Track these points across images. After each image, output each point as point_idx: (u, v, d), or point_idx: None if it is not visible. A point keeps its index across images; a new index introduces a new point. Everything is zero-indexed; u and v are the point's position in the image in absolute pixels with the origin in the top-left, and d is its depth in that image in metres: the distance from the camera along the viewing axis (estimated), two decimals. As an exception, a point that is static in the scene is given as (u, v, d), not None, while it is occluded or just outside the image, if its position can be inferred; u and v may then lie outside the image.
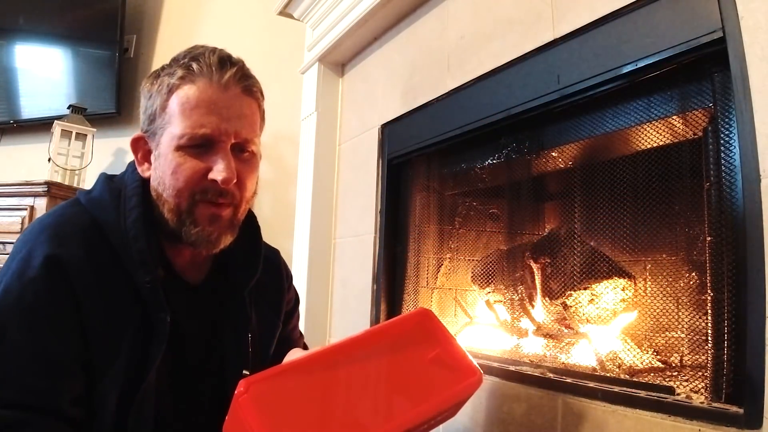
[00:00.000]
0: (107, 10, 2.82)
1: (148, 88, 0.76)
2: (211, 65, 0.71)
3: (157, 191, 0.75)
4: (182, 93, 0.71)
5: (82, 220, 0.71)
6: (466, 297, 1.44)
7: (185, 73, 0.71)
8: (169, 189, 0.72)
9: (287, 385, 0.43)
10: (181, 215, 0.73)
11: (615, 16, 0.90)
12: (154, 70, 0.78)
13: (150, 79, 0.76)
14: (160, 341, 0.70)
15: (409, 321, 0.51)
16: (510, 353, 1.13)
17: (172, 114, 0.72)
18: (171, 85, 0.72)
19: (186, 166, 0.71)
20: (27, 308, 0.63)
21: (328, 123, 1.87)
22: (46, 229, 0.68)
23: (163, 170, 0.73)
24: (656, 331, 0.97)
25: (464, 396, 0.49)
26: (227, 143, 0.72)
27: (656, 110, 0.89)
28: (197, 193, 0.72)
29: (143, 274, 0.69)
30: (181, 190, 0.72)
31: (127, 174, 0.78)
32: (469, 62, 1.25)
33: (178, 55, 0.76)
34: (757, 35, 0.69)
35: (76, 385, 0.64)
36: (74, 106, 2.69)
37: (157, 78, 0.75)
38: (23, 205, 2.35)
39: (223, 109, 0.71)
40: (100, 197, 0.74)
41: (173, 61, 0.75)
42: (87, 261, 0.67)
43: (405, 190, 1.55)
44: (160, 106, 0.73)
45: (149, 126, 0.75)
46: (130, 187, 0.74)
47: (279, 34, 2.31)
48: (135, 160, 0.78)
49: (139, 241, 0.70)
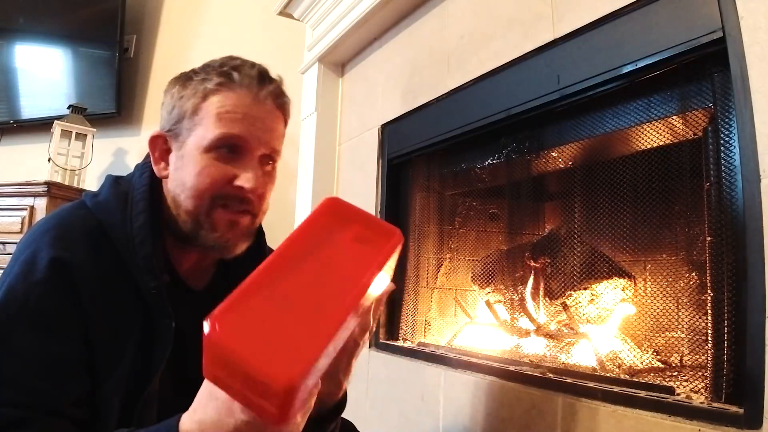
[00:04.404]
0: (107, 10, 2.82)
1: (178, 90, 0.75)
2: (252, 77, 0.72)
3: (174, 192, 0.74)
4: (219, 97, 0.71)
5: (87, 224, 0.70)
6: (466, 297, 1.44)
7: (225, 81, 0.72)
8: (190, 190, 0.72)
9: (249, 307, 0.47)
10: (198, 218, 0.72)
11: (615, 16, 0.90)
12: (182, 72, 0.77)
13: (179, 81, 0.75)
14: (165, 346, 0.70)
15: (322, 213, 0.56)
16: (510, 353, 1.13)
17: (205, 116, 0.72)
18: (207, 89, 0.72)
19: (213, 168, 0.71)
20: (31, 310, 0.63)
21: (328, 123, 1.87)
22: (51, 231, 0.68)
23: (187, 171, 0.72)
24: (656, 331, 0.97)
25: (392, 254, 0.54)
26: (257, 152, 0.72)
27: (656, 110, 0.89)
28: (218, 198, 0.72)
29: (149, 279, 0.69)
30: (203, 192, 0.71)
31: (134, 177, 0.77)
32: (469, 62, 1.25)
33: (212, 62, 0.75)
34: (757, 35, 0.70)
35: (79, 388, 0.64)
36: (74, 106, 2.69)
37: (189, 80, 0.74)
38: (23, 205, 2.35)
39: (257, 120, 0.72)
40: (107, 201, 0.73)
41: (208, 67, 0.75)
42: (92, 264, 0.67)
43: (405, 190, 1.55)
44: (193, 108, 0.72)
45: (173, 126, 0.74)
46: (138, 191, 0.74)
47: (279, 34, 2.31)
48: (151, 158, 0.76)
49: (145, 246, 0.70)
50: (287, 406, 0.44)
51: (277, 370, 0.42)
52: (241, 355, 0.43)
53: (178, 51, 2.81)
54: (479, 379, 1.08)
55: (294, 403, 0.44)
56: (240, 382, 0.45)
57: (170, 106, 0.75)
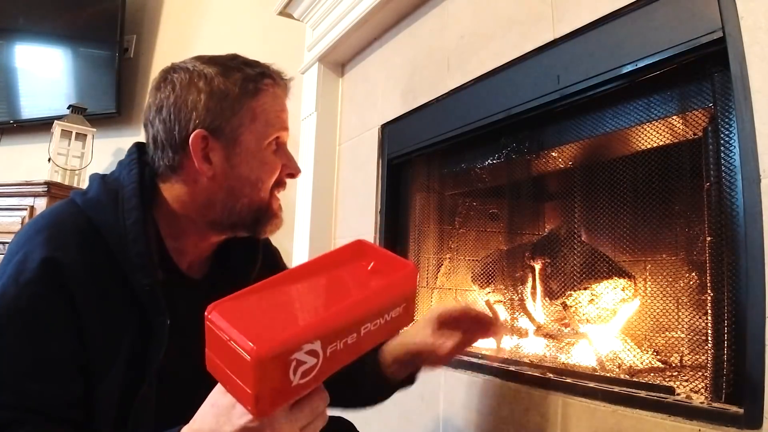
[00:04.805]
0: (107, 10, 2.82)
1: (217, 84, 0.73)
2: (280, 75, 0.80)
3: (228, 188, 0.75)
4: (269, 94, 0.77)
5: (78, 222, 0.69)
6: (466, 297, 1.44)
7: (269, 79, 0.77)
8: (256, 182, 0.76)
9: (248, 300, 0.51)
10: (261, 207, 0.78)
11: (615, 16, 0.90)
12: (196, 69, 0.75)
13: (210, 77, 0.74)
14: (160, 344, 0.69)
15: (346, 247, 0.60)
16: (510, 353, 1.13)
17: (261, 112, 0.76)
18: (258, 86, 0.76)
19: (275, 160, 0.78)
20: (23, 312, 0.62)
21: (328, 123, 1.87)
22: (42, 231, 0.67)
23: (250, 165, 0.76)
24: (656, 331, 0.97)
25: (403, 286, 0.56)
26: (287, 140, 0.81)
27: (656, 110, 0.89)
28: (275, 186, 0.79)
29: (142, 277, 0.69)
30: (268, 182, 0.78)
31: (122, 175, 0.75)
32: (469, 62, 1.25)
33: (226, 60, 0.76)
34: (757, 35, 0.70)
35: (73, 389, 0.64)
36: (74, 106, 2.69)
37: (225, 77, 0.74)
38: (23, 205, 2.35)
39: (287, 114, 0.80)
40: (97, 198, 0.72)
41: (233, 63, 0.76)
42: (84, 263, 0.66)
43: (405, 190, 1.55)
44: (242, 104, 0.74)
45: (214, 122, 0.73)
46: (128, 188, 0.72)
47: (279, 34, 2.31)
48: (195, 159, 0.73)
49: (138, 243, 0.69)
50: (259, 385, 0.46)
51: (252, 346, 0.45)
52: (228, 332, 0.47)
53: (178, 51, 2.81)
54: (479, 379, 1.08)
55: (266, 384, 0.46)
56: (227, 361, 0.48)
57: (205, 102, 0.73)
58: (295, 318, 0.51)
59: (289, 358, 0.46)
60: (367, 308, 0.52)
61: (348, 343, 0.50)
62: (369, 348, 0.54)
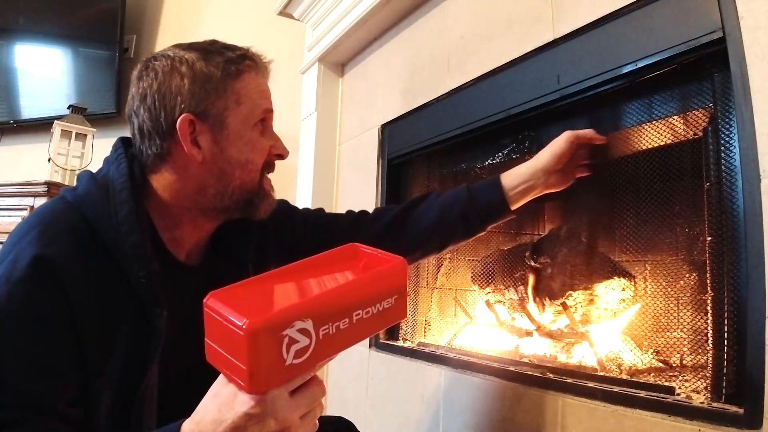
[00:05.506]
0: (107, 10, 2.83)
1: (199, 68, 0.73)
2: (260, 57, 0.80)
3: (220, 171, 0.75)
4: (252, 76, 0.77)
5: (69, 217, 0.69)
6: (466, 297, 1.44)
7: (250, 61, 0.77)
8: (246, 164, 0.76)
9: (244, 288, 0.54)
10: (253, 189, 0.78)
11: (615, 16, 0.90)
12: (177, 56, 0.74)
13: (192, 61, 0.74)
14: (158, 337, 0.69)
15: (340, 249, 0.62)
16: (510, 353, 1.13)
17: (245, 94, 0.75)
18: (239, 69, 0.76)
19: (263, 141, 0.78)
20: (16, 310, 0.62)
21: (328, 123, 1.87)
22: (33, 230, 0.66)
23: (238, 147, 0.75)
24: (656, 331, 0.97)
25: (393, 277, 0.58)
26: (272, 121, 0.81)
27: (656, 110, 0.89)
28: (265, 167, 0.79)
29: (138, 269, 0.68)
30: (258, 163, 0.77)
31: (110, 170, 0.75)
32: (469, 62, 1.25)
33: (206, 45, 0.77)
34: (757, 35, 0.70)
35: (71, 386, 0.64)
36: (74, 106, 2.69)
37: (206, 60, 0.74)
38: (23, 205, 2.35)
39: (270, 94, 0.81)
40: (88, 193, 0.72)
41: (213, 48, 0.76)
42: (77, 259, 0.66)
43: (405, 190, 1.55)
44: (226, 86, 0.74)
45: (199, 106, 0.73)
46: (118, 181, 0.72)
47: (279, 34, 2.31)
48: (184, 143, 0.73)
49: (132, 234, 0.68)
50: (253, 359, 0.48)
51: (245, 320, 0.47)
52: (223, 313, 0.49)
53: (178, 51, 2.81)
54: (479, 379, 1.08)
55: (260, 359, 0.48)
56: (223, 343, 0.50)
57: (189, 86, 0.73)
58: (288, 299, 0.54)
59: (280, 334, 0.48)
60: (357, 293, 0.54)
61: (341, 329, 0.52)
62: (363, 338, 0.55)
